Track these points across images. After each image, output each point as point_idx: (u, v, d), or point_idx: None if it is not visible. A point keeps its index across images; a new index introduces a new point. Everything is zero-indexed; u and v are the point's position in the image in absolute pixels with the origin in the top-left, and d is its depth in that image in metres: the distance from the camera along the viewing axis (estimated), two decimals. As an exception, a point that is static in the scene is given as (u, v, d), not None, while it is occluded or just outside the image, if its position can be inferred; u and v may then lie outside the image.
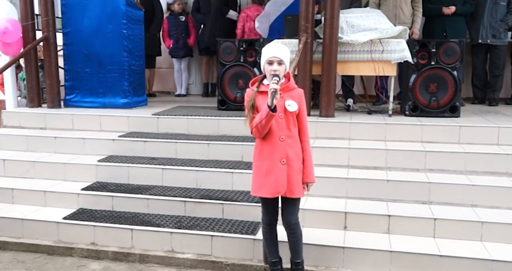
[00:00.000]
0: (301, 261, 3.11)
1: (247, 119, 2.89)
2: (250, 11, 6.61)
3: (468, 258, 3.19)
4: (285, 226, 3.04)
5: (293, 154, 2.89)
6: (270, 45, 2.94)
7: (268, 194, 2.91)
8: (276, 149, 2.86)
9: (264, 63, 2.87)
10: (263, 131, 2.84)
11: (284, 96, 2.86)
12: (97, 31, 5.54)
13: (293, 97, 2.90)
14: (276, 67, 2.81)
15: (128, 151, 4.68)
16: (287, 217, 3.00)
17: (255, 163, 2.98)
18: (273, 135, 2.86)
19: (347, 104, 5.71)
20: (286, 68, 2.89)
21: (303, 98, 2.97)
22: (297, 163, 2.91)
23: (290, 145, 2.88)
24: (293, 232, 3.03)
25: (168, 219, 3.86)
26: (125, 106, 5.60)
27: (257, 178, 2.96)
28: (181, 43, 7.33)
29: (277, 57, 2.82)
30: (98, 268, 3.57)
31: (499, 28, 5.91)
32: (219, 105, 5.50)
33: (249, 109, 2.86)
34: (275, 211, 3.04)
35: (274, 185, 2.88)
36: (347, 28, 4.98)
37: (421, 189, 3.81)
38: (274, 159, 2.87)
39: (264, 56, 2.87)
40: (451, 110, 4.89)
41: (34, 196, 4.25)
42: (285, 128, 2.87)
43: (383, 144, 4.35)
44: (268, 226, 3.08)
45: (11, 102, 5.71)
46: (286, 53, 2.88)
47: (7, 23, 5.32)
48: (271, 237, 3.11)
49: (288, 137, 2.88)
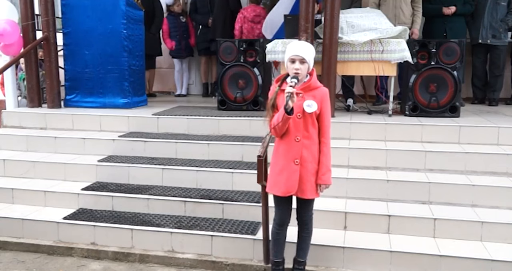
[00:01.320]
0: (304, 262, 3.12)
1: (267, 117, 2.86)
2: (247, 12, 6.57)
3: (468, 258, 3.19)
4: (298, 220, 3.06)
5: (309, 155, 2.86)
6: (294, 43, 2.88)
7: (279, 193, 2.92)
8: (291, 149, 2.85)
9: (286, 61, 2.84)
10: (280, 131, 2.83)
11: (305, 96, 2.82)
12: (97, 31, 5.54)
13: (315, 96, 2.85)
14: (298, 65, 2.78)
15: (128, 151, 4.68)
16: (301, 213, 3.03)
17: (272, 160, 2.98)
18: (289, 135, 2.85)
19: (347, 104, 5.71)
20: (310, 67, 2.85)
21: (327, 97, 2.91)
22: (312, 164, 2.88)
23: (306, 146, 2.85)
24: (306, 227, 3.05)
25: (168, 219, 3.86)
26: (125, 106, 5.60)
27: (272, 176, 2.98)
28: (183, 44, 7.33)
29: (299, 55, 2.78)
30: (98, 268, 3.57)
31: (499, 28, 5.91)
32: (219, 105, 5.50)
33: (269, 107, 2.82)
34: (288, 212, 3.03)
35: (285, 184, 2.88)
36: (347, 28, 4.98)
37: (421, 189, 3.81)
38: (288, 159, 2.86)
39: (287, 54, 2.83)
40: (451, 110, 4.89)
41: (34, 196, 4.26)
42: (302, 129, 2.84)
43: (383, 144, 4.35)
44: (279, 226, 3.06)
45: (11, 102, 5.71)
46: (310, 52, 2.84)
47: (5, 24, 5.32)
48: (280, 238, 3.10)
49: (304, 138, 2.85)
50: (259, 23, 6.49)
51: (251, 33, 6.52)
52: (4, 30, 5.28)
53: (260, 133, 4.47)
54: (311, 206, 3.04)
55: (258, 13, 6.54)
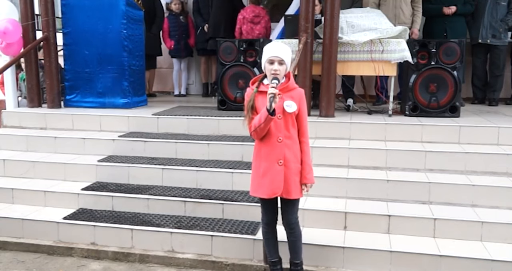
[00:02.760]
0: (300, 262, 3.11)
1: (246, 119, 2.87)
2: (246, 12, 6.54)
3: (468, 258, 3.19)
4: (284, 225, 3.04)
5: (291, 155, 2.87)
6: (272, 44, 2.90)
7: (265, 195, 2.91)
8: (273, 150, 2.85)
9: (264, 62, 2.85)
10: (261, 133, 2.83)
11: (284, 96, 2.83)
12: (97, 31, 5.54)
13: (293, 97, 2.87)
14: (276, 67, 2.79)
15: (128, 151, 4.68)
16: (286, 217, 3.00)
17: (253, 163, 2.98)
18: (271, 136, 2.85)
19: (347, 104, 5.71)
20: (287, 68, 2.87)
21: (304, 98, 2.95)
22: (295, 164, 2.89)
23: (288, 146, 2.87)
24: (292, 232, 3.02)
25: (168, 219, 3.86)
26: (125, 106, 5.60)
27: (255, 178, 2.97)
28: (182, 44, 7.33)
29: (278, 56, 2.79)
30: (98, 268, 3.56)
31: (499, 28, 5.91)
32: (219, 105, 5.50)
33: (248, 109, 2.84)
34: (274, 211, 3.04)
35: (270, 186, 2.87)
36: (347, 28, 4.98)
37: (421, 189, 3.81)
38: (271, 160, 2.86)
39: (265, 55, 2.84)
40: (451, 110, 4.89)
41: (34, 196, 4.25)
42: (283, 130, 2.85)
43: (383, 144, 4.35)
44: (268, 226, 3.08)
45: (11, 102, 5.71)
46: (288, 53, 2.85)
47: (7, 23, 5.32)
48: (271, 237, 3.11)
49: (286, 138, 2.86)
50: (258, 23, 6.49)
51: (250, 34, 6.50)
52: (6, 28, 5.28)
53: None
54: (296, 207, 3.01)
55: (257, 14, 6.52)
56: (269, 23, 6.61)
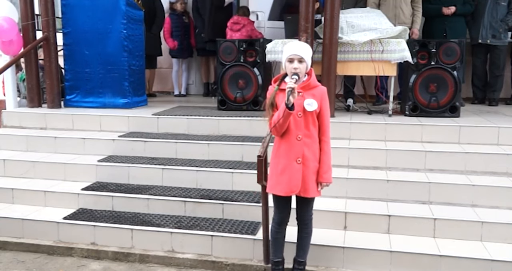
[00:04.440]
0: (304, 262, 3.12)
1: (267, 117, 2.86)
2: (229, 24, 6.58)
3: (468, 258, 3.19)
4: (298, 220, 3.05)
5: (310, 153, 2.87)
6: (291, 43, 2.89)
7: (282, 192, 2.91)
8: (292, 148, 2.85)
9: (284, 61, 2.85)
10: (281, 129, 2.83)
11: (305, 94, 2.83)
12: (97, 31, 5.54)
13: (314, 95, 2.86)
14: (296, 65, 2.79)
15: (128, 151, 4.68)
16: (301, 214, 3.03)
17: (272, 160, 2.97)
18: (290, 134, 2.85)
19: (347, 104, 5.71)
20: (308, 66, 2.86)
21: (326, 96, 2.93)
22: (313, 163, 2.89)
23: (307, 145, 2.86)
24: (305, 227, 3.05)
25: (168, 219, 3.86)
26: (125, 106, 5.60)
27: (273, 175, 2.97)
28: (185, 44, 7.32)
29: (297, 55, 2.79)
30: (98, 268, 3.57)
31: (499, 28, 5.91)
32: (219, 105, 5.50)
33: (268, 107, 2.83)
34: (287, 211, 3.03)
35: (288, 184, 2.88)
36: (347, 28, 4.98)
37: (421, 189, 3.81)
38: (290, 158, 2.86)
39: (285, 54, 2.84)
40: (451, 110, 4.89)
41: (34, 196, 4.25)
42: (303, 128, 2.85)
43: (383, 144, 4.35)
44: (278, 226, 3.07)
45: (11, 102, 5.71)
46: (308, 51, 2.85)
47: (2, 21, 5.30)
48: (280, 237, 3.10)
49: (305, 136, 2.85)
50: (238, 31, 6.52)
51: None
52: (1, 26, 5.26)
53: (260, 133, 4.47)
54: (311, 205, 3.04)
55: (236, 21, 6.57)
56: (255, 32, 6.61)
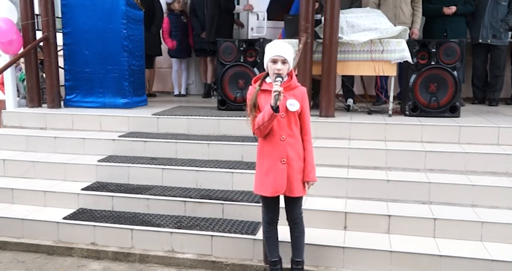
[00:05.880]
0: (302, 261, 3.11)
1: (249, 118, 2.88)
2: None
3: (468, 258, 3.19)
4: (288, 220, 3.05)
5: (294, 153, 2.88)
6: (274, 43, 2.89)
7: (268, 193, 2.92)
8: (276, 148, 2.86)
9: (267, 62, 2.85)
10: (265, 131, 2.83)
11: (286, 95, 2.83)
12: (97, 31, 5.54)
13: (295, 96, 2.88)
14: (280, 66, 2.79)
15: (128, 151, 4.68)
16: (290, 213, 3.03)
17: (257, 161, 2.99)
18: (274, 134, 2.86)
19: (347, 104, 5.71)
20: (290, 67, 2.87)
21: (306, 96, 2.95)
22: (297, 163, 2.90)
23: (291, 144, 2.88)
24: (297, 227, 3.05)
25: (168, 219, 3.86)
26: (125, 106, 5.60)
27: (258, 177, 2.98)
28: (184, 44, 7.32)
29: (281, 56, 2.80)
30: (98, 268, 3.56)
31: (499, 28, 5.91)
32: (219, 105, 5.50)
33: (251, 108, 2.84)
34: (276, 210, 3.04)
35: (273, 184, 2.88)
36: (347, 28, 4.98)
37: (421, 189, 3.81)
38: (274, 158, 2.87)
39: (268, 55, 2.84)
40: (451, 110, 4.89)
41: (34, 196, 4.25)
42: (286, 128, 2.86)
43: (383, 144, 4.35)
44: (268, 225, 3.08)
45: (11, 102, 5.71)
46: (290, 52, 2.86)
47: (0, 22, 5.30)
48: (272, 236, 3.11)
49: (289, 136, 2.87)
50: None
51: None
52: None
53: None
54: (300, 204, 3.04)
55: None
56: None
